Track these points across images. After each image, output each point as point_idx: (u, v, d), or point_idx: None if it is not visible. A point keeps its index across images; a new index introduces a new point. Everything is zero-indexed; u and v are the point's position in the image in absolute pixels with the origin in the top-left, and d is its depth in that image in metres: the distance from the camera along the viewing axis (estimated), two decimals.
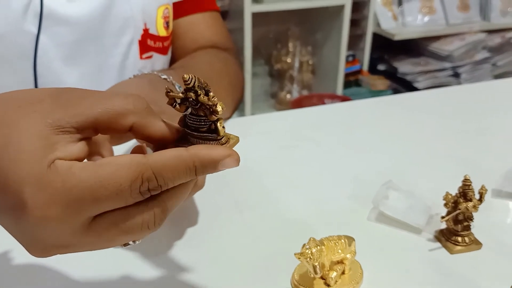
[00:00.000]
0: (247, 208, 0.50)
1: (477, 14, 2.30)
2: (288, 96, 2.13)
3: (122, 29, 0.65)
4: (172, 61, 0.76)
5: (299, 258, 0.37)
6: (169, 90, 0.30)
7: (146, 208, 0.28)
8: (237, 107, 0.74)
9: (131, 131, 0.30)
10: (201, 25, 0.75)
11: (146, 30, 0.68)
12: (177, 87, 0.52)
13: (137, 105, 0.29)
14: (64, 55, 0.62)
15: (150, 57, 0.70)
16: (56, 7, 0.59)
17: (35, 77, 0.61)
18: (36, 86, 0.61)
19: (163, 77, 0.52)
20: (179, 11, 0.74)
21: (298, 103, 1.98)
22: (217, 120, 0.30)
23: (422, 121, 0.71)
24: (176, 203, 0.29)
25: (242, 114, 1.95)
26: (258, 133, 0.67)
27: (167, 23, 0.71)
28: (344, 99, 2.04)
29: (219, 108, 0.29)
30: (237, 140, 0.31)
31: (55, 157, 0.26)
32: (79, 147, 0.28)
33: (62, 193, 0.26)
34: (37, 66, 0.60)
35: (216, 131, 0.30)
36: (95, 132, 0.29)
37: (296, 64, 2.11)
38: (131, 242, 0.30)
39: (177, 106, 0.30)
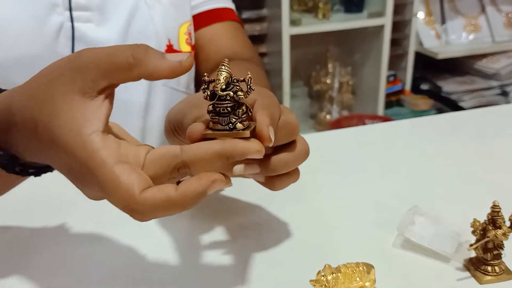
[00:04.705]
0: (267, 231, 0.50)
1: None
2: (328, 116, 2.11)
3: None
4: (198, 74, 0.78)
5: (315, 286, 0.36)
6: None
7: None
8: None
9: (144, 79, 0.32)
10: (222, 35, 0.76)
11: (170, 46, 0.69)
12: None
13: (136, 56, 0.31)
14: None
15: None
16: (86, 31, 0.62)
17: None
18: None
19: None
20: (198, 22, 0.75)
21: (337, 124, 1.97)
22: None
23: (456, 142, 0.69)
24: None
25: None
26: None
27: (190, 38, 0.73)
28: (385, 119, 2.01)
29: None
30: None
31: (90, 131, 0.30)
32: (104, 108, 0.32)
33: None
34: None
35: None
36: (113, 87, 0.33)
37: (336, 85, 2.10)
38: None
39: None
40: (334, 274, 0.36)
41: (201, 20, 0.75)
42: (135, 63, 0.31)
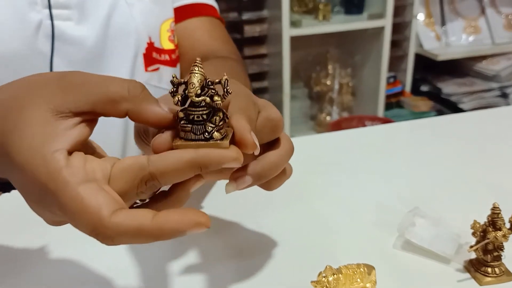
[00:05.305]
0: (268, 232, 0.50)
1: None
2: (328, 118, 2.12)
3: (127, 45, 0.66)
4: (180, 70, 0.76)
5: (315, 286, 0.37)
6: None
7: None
8: None
9: (128, 117, 0.31)
10: (198, 30, 0.75)
11: (150, 44, 0.69)
12: None
13: (132, 91, 0.30)
14: None
15: (156, 69, 0.70)
16: (66, 29, 0.61)
17: None
18: None
19: None
20: (176, 16, 0.74)
21: (337, 125, 1.97)
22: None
23: (456, 143, 0.69)
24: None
25: None
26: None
27: (173, 35, 0.72)
28: (385, 121, 2.01)
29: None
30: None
31: (54, 149, 0.28)
32: (78, 131, 0.30)
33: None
34: None
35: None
36: (94, 115, 0.31)
37: (336, 86, 2.10)
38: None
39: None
40: (335, 275, 0.37)
41: (178, 14, 0.74)
42: (127, 97, 0.30)
